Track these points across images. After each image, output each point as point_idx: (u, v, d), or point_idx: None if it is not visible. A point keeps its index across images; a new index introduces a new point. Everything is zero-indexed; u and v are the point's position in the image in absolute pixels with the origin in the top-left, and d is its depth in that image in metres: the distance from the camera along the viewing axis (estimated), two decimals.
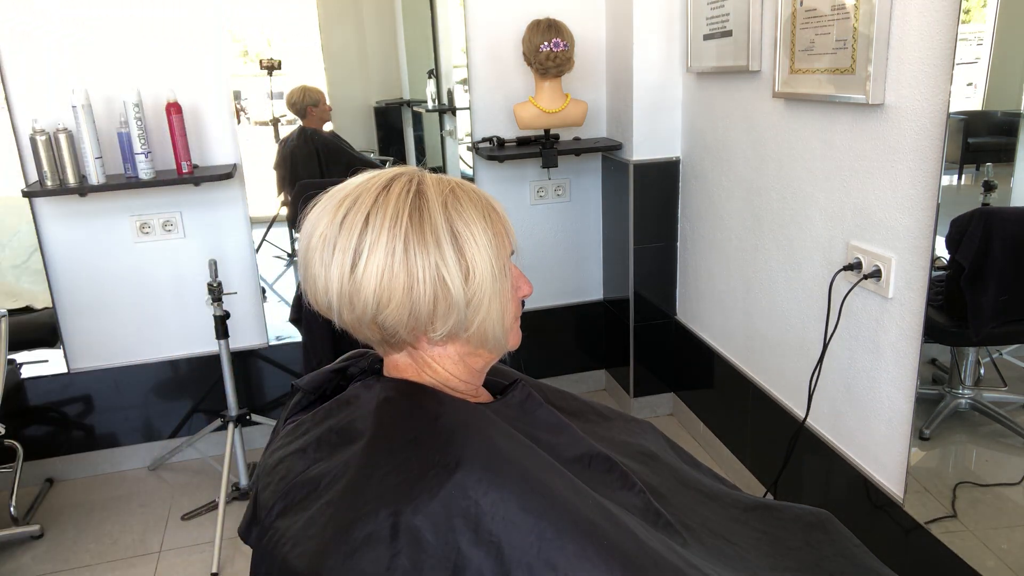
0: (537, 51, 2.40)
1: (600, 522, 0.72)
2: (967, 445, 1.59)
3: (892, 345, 1.59)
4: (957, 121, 1.37)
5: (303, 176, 2.89)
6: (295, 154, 2.91)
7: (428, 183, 0.78)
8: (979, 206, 1.41)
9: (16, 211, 2.40)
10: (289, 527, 0.75)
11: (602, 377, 3.10)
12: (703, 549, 0.85)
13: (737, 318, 2.28)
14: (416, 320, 0.76)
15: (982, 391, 1.54)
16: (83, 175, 2.27)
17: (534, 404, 0.89)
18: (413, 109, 2.98)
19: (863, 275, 1.62)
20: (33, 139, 2.19)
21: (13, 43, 2.26)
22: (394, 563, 0.66)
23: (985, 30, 1.33)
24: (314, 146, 2.89)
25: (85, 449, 2.65)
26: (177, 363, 2.65)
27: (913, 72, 1.44)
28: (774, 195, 1.99)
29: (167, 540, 2.30)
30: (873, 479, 1.70)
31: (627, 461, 0.92)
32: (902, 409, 1.59)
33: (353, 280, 0.75)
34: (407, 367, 0.84)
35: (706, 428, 2.59)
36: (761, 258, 2.10)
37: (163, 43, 2.36)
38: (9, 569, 2.20)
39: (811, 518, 0.99)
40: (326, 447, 0.82)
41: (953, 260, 1.44)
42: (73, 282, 2.50)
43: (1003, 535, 1.44)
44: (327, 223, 0.76)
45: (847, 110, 1.65)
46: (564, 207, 2.87)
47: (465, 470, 0.71)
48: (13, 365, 2.48)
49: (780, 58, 1.83)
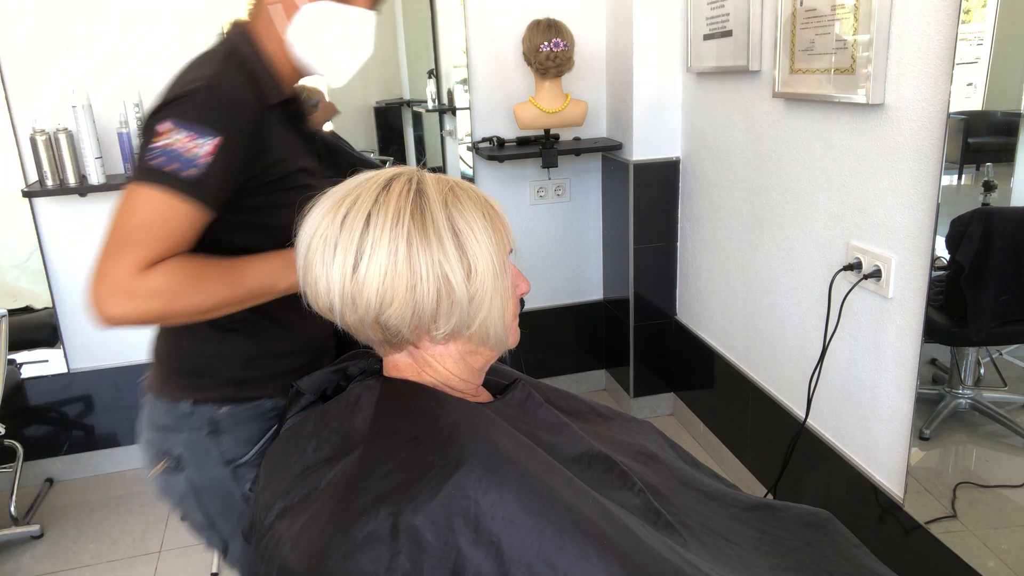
0: (537, 51, 2.40)
1: (600, 522, 0.72)
2: (967, 445, 1.59)
3: (892, 345, 1.59)
4: (957, 121, 1.37)
5: None
6: None
7: (428, 182, 0.78)
8: (979, 206, 1.41)
9: (16, 211, 2.40)
10: (289, 527, 0.75)
11: (602, 377, 3.10)
12: (703, 549, 0.85)
13: (737, 318, 2.28)
14: (419, 319, 0.76)
15: (982, 391, 1.54)
16: (83, 175, 2.27)
17: (534, 404, 0.89)
18: (413, 109, 2.98)
19: (863, 275, 1.62)
20: (33, 139, 2.19)
21: (13, 43, 2.26)
22: (394, 563, 0.66)
23: (985, 30, 1.33)
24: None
25: (85, 449, 2.65)
26: None
27: (913, 72, 1.44)
28: (774, 195, 1.99)
29: (167, 540, 2.30)
30: (873, 479, 1.70)
31: (627, 461, 0.92)
32: (902, 409, 1.59)
33: (355, 280, 0.74)
34: (407, 367, 0.84)
35: (706, 428, 2.59)
36: (761, 258, 2.10)
37: (163, 43, 2.36)
38: (9, 569, 2.20)
39: (811, 518, 0.99)
40: (326, 447, 0.82)
41: (953, 260, 1.44)
42: (73, 282, 2.49)
43: (1003, 535, 1.44)
44: (327, 224, 0.76)
45: (847, 110, 1.65)
46: (564, 207, 2.87)
47: (465, 470, 0.71)
48: (13, 365, 2.48)
49: (780, 58, 1.83)
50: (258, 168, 1.01)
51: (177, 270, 0.93)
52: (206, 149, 0.93)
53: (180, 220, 0.92)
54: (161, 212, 0.91)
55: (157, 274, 0.91)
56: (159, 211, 0.91)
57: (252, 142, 0.99)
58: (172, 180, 0.91)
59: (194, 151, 0.92)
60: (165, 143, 0.92)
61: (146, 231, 0.91)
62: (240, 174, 0.99)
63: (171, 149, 0.92)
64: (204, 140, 0.93)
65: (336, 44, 1.06)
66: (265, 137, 1.01)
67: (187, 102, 0.95)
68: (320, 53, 1.06)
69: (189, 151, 0.92)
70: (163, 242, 0.92)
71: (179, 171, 0.91)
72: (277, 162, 1.04)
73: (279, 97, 1.05)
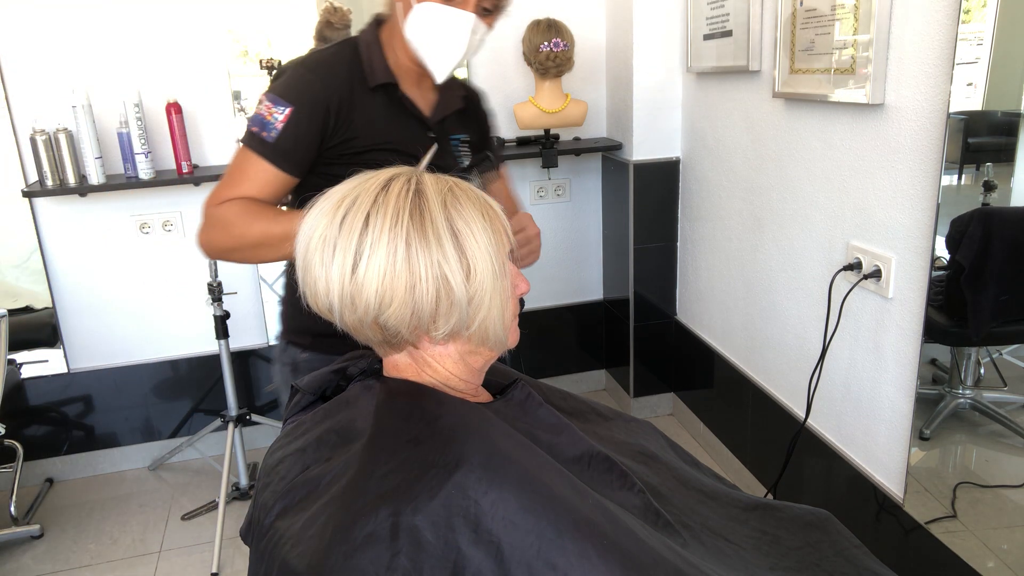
0: (537, 51, 2.40)
1: (600, 522, 0.72)
2: (967, 445, 1.59)
3: (892, 345, 1.59)
4: (957, 121, 1.37)
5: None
6: None
7: (426, 182, 0.78)
8: (979, 206, 1.41)
9: (16, 211, 2.40)
10: (289, 527, 0.75)
11: (602, 377, 3.10)
12: (703, 549, 0.85)
13: (737, 318, 2.28)
14: (418, 319, 0.76)
15: (982, 391, 1.54)
16: (83, 175, 2.28)
17: (534, 404, 0.88)
18: None
19: (863, 275, 1.62)
20: (33, 139, 2.19)
21: (13, 43, 2.26)
22: (394, 563, 0.66)
23: (985, 30, 1.33)
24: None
25: (85, 449, 2.65)
26: (177, 363, 2.65)
27: (913, 72, 1.44)
28: (774, 195, 1.99)
29: (167, 540, 2.30)
30: (873, 479, 1.70)
31: (627, 461, 0.92)
32: (902, 409, 1.59)
33: (355, 281, 0.74)
34: (407, 367, 0.84)
35: (706, 428, 2.59)
36: (761, 258, 2.10)
37: (163, 43, 2.37)
38: (9, 569, 2.20)
39: (811, 518, 0.99)
40: (326, 447, 0.82)
41: (953, 260, 1.44)
42: (73, 282, 2.50)
43: (1003, 535, 1.44)
44: (326, 224, 0.76)
45: (847, 110, 1.65)
46: (564, 207, 2.87)
47: (465, 470, 0.71)
48: (13, 365, 2.48)
49: (780, 58, 1.83)
50: (337, 139, 1.18)
51: (237, 206, 1.14)
52: (279, 118, 1.13)
53: (257, 173, 1.15)
54: (244, 165, 1.16)
55: (223, 207, 1.14)
56: (243, 164, 1.16)
57: (328, 115, 1.16)
58: (255, 140, 1.15)
59: (273, 117, 1.13)
60: (257, 110, 1.15)
61: (231, 177, 1.16)
62: (315, 141, 1.17)
63: (259, 115, 1.15)
64: (280, 109, 1.13)
65: (438, 41, 1.18)
66: (350, 112, 1.18)
67: (281, 78, 1.18)
68: (426, 48, 1.19)
69: (269, 118, 1.14)
70: (242, 188, 1.14)
71: (259, 133, 1.14)
72: (357, 137, 1.19)
73: (382, 80, 1.20)
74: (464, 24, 1.17)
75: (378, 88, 1.21)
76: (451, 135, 1.35)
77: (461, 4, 1.16)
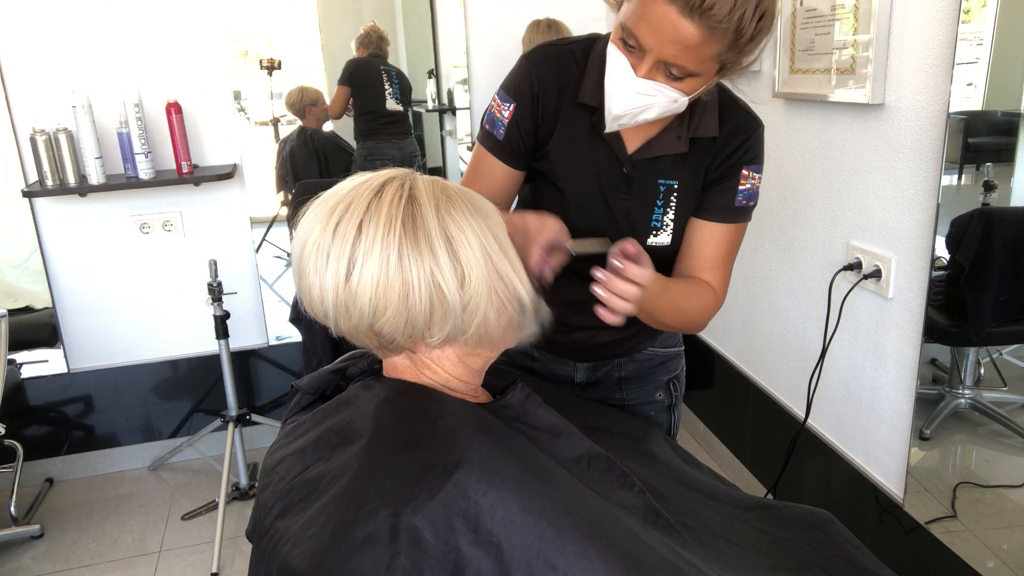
0: None
1: (600, 522, 0.72)
2: (967, 445, 1.59)
3: (892, 345, 1.59)
4: (957, 121, 1.37)
5: (303, 176, 2.89)
6: (295, 154, 2.91)
7: (420, 187, 0.77)
8: (979, 206, 1.41)
9: (16, 211, 2.40)
10: (289, 527, 0.75)
11: None
12: (703, 549, 0.85)
13: (737, 318, 2.28)
14: (413, 327, 0.76)
15: (982, 391, 1.54)
16: (83, 175, 2.28)
17: (534, 404, 0.88)
18: (413, 109, 2.98)
19: (863, 275, 1.62)
20: (33, 139, 2.19)
21: (13, 43, 2.26)
22: (394, 563, 0.66)
23: (985, 30, 1.33)
24: (314, 146, 2.89)
25: (85, 449, 2.65)
26: (177, 363, 2.65)
27: (913, 72, 1.44)
28: (774, 195, 1.99)
29: (167, 540, 2.30)
30: (873, 479, 1.70)
31: (627, 461, 0.92)
32: (902, 409, 1.59)
33: (348, 289, 0.74)
34: (406, 368, 0.84)
35: (706, 428, 2.59)
36: (761, 258, 2.10)
37: (163, 43, 2.36)
38: (9, 569, 2.20)
39: (811, 518, 0.98)
40: (325, 447, 0.82)
41: (953, 260, 1.44)
42: (73, 282, 2.49)
43: (1003, 535, 1.44)
44: (320, 231, 0.75)
45: (847, 110, 1.65)
46: None
47: (464, 470, 0.71)
48: (13, 365, 2.48)
49: (780, 58, 1.83)
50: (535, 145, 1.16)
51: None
52: (505, 114, 1.13)
53: (490, 170, 1.15)
54: (479, 163, 1.16)
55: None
56: (478, 162, 1.17)
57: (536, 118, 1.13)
58: (489, 139, 1.15)
59: (501, 114, 1.13)
60: (489, 107, 1.15)
61: (468, 176, 1.18)
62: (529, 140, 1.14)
63: (490, 113, 1.14)
64: (506, 105, 1.12)
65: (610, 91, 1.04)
66: (549, 123, 1.13)
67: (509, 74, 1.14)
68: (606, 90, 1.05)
69: (498, 115, 1.13)
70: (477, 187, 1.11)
71: (491, 131, 1.14)
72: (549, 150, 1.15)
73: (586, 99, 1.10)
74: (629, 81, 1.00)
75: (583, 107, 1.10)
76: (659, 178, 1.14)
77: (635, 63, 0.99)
